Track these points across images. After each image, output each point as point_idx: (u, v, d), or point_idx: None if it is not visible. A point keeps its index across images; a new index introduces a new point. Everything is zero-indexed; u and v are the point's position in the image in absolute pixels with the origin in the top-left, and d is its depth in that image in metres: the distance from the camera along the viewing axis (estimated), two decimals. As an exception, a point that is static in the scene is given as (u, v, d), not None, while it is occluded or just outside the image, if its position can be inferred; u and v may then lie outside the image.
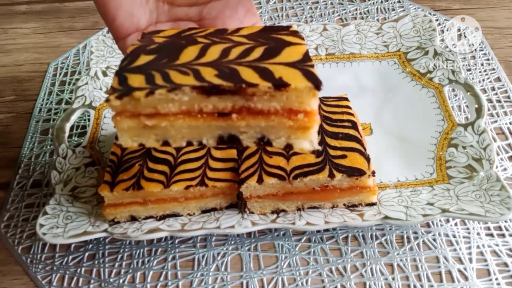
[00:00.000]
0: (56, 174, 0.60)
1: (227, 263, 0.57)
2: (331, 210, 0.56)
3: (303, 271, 0.55)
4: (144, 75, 0.38)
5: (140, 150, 0.58)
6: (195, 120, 0.38)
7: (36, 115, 0.76)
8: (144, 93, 0.36)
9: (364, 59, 0.76)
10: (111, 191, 0.54)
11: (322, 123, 0.58)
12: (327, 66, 0.75)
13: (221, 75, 0.37)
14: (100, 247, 0.59)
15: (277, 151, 0.56)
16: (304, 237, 0.58)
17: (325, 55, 0.76)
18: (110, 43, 0.76)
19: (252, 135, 0.39)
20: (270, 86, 0.35)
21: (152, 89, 0.36)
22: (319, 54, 0.76)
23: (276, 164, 0.54)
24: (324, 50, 0.76)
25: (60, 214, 0.56)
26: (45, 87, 0.81)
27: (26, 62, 0.86)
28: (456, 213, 0.52)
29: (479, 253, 0.56)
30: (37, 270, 0.57)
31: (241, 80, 0.36)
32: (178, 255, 0.58)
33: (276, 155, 0.55)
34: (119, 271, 0.57)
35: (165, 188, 0.54)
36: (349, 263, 0.56)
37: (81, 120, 0.73)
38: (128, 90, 0.37)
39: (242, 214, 0.56)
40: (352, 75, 0.74)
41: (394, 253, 0.56)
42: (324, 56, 0.76)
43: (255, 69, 0.37)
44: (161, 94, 0.37)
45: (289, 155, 0.55)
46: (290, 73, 0.36)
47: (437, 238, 0.57)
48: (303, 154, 0.54)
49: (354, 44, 0.76)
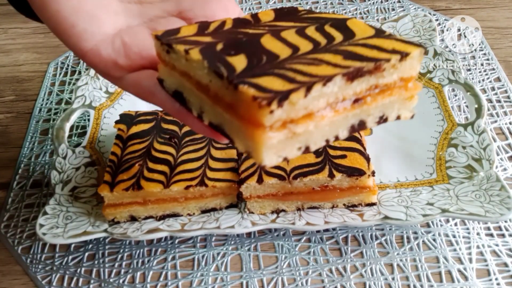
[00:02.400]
0: (56, 174, 0.60)
1: (227, 263, 0.57)
2: (331, 210, 0.56)
3: (303, 271, 0.55)
4: (277, 76, 0.32)
5: (140, 150, 0.58)
6: (337, 113, 0.34)
7: (36, 115, 0.76)
8: (301, 93, 0.31)
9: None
10: (111, 191, 0.54)
11: None
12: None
13: (350, 58, 0.33)
14: (100, 247, 0.59)
15: None
16: (304, 237, 0.58)
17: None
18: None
19: (375, 116, 0.37)
20: (398, 57, 0.33)
21: (308, 86, 0.31)
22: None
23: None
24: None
25: (60, 214, 0.56)
26: (45, 87, 0.81)
27: (26, 62, 0.86)
28: (456, 213, 0.52)
29: (479, 253, 0.56)
30: (37, 270, 0.57)
31: (373, 59, 0.33)
32: (178, 255, 0.58)
33: None
34: (119, 271, 0.57)
35: (165, 188, 0.54)
36: (349, 263, 0.56)
37: (81, 120, 0.73)
38: (282, 94, 0.30)
39: (242, 214, 0.56)
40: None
41: (394, 253, 0.56)
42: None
43: (363, 46, 0.35)
44: (317, 90, 0.31)
45: None
46: (390, 43, 0.35)
47: (437, 238, 0.57)
48: (303, 154, 0.53)
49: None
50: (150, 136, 0.60)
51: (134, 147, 0.59)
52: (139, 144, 0.59)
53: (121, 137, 0.61)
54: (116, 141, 0.60)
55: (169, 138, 0.60)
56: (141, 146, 0.59)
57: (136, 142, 0.60)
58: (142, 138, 0.60)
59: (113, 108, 0.70)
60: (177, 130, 0.61)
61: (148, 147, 0.59)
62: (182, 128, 0.61)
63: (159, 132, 0.61)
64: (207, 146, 0.59)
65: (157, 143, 0.59)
